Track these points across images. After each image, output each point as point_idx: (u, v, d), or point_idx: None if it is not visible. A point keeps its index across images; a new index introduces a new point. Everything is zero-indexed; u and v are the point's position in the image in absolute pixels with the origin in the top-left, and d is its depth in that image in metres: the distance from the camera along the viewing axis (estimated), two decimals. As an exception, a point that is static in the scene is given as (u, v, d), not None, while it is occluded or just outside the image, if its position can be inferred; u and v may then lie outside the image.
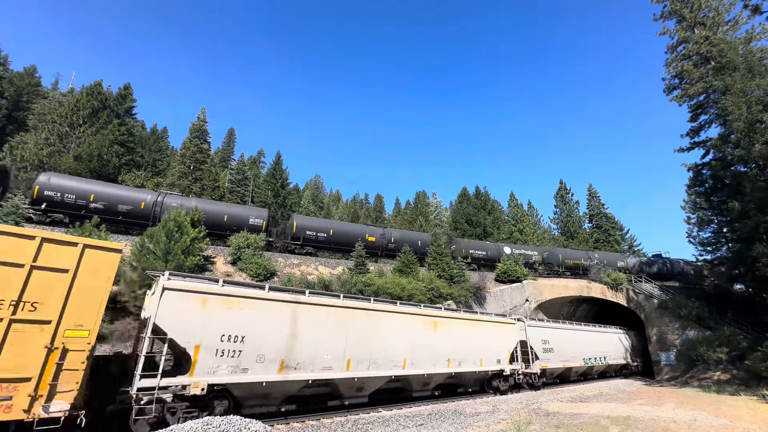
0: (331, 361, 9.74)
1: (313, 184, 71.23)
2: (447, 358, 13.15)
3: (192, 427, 5.59)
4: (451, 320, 13.96)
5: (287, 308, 9.48)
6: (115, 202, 17.10)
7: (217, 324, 8.23)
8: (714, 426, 8.90)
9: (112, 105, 30.87)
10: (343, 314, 10.56)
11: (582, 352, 20.58)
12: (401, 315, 12.25)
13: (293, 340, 9.23)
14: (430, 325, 13.03)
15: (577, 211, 49.87)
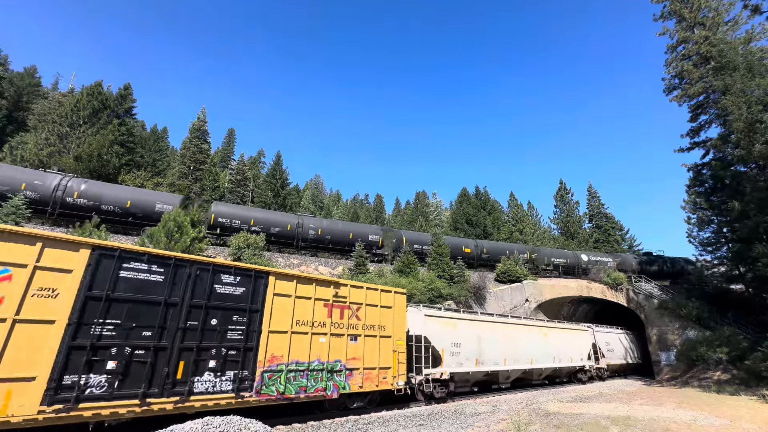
0: (496, 359, 15.23)
1: (313, 184, 71.30)
2: (552, 357, 18.33)
3: (192, 427, 5.59)
4: (553, 329, 19.55)
5: (475, 325, 15.18)
6: (269, 225, 20.67)
7: (449, 336, 13.63)
8: (714, 426, 8.90)
9: (112, 105, 30.90)
10: (501, 328, 16.29)
11: (625, 351, 25.36)
12: (527, 327, 17.86)
13: (480, 345, 14.69)
14: (542, 333, 18.41)
15: (577, 211, 49.90)
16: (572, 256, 30.66)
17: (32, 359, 5.60)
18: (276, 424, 7.82)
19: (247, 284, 8.26)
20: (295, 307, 8.96)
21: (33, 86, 37.07)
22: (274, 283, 8.74)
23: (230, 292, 7.95)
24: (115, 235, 16.26)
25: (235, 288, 8.05)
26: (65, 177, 16.76)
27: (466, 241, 28.60)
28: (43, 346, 5.72)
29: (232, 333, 7.71)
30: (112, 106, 30.87)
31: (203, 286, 7.58)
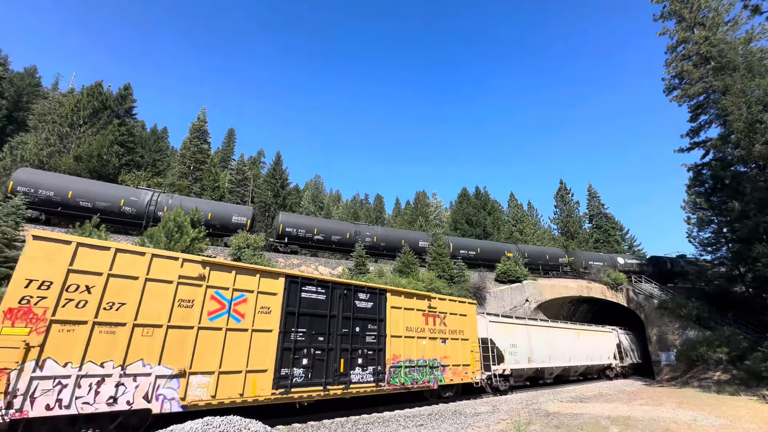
0: (543, 357, 17.83)
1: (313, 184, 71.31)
2: (585, 355, 20.97)
3: (192, 427, 5.59)
4: (585, 331, 22.12)
5: (526, 329, 17.57)
6: (330, 233, 22.66)
7: (509, 338, 16.17)
8: (714, 426, 8.90)
9: (112, 105, 30.90)
10: (545, 330, 18.92)
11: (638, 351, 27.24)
12: (565, 329, 20.48)
13: (530, 346, 17.24)
14: (576, 334, 21.04)
15: (577, 211, 49.91)
16: (608, 259, 32.07)
17: (263, 357, 8.13)
18: (276, 424, 7.83)
19: (374, 299, 10.84)
20: (404, 317, 11.47)
21: (33, 86, 37.06)
22: (390, 298, 11.24)
23: (365, 306, 10.51)
24: (115, 234, 16.27)
25: (367, 302, 10.59)
26: (155, 193, 18.76)
27: (510, 245, 30.67)
28: (268, 348, 8.26)
29: (369, 337, 10.32)
30: (112, 106, 30.87)
31: (349, 302, 10.14)
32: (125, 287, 6.79)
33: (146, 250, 7.32)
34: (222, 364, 7.49)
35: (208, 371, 7.30)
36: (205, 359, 7.32)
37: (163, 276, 7.28)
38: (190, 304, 7.48)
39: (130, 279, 6.88)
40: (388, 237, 24.95)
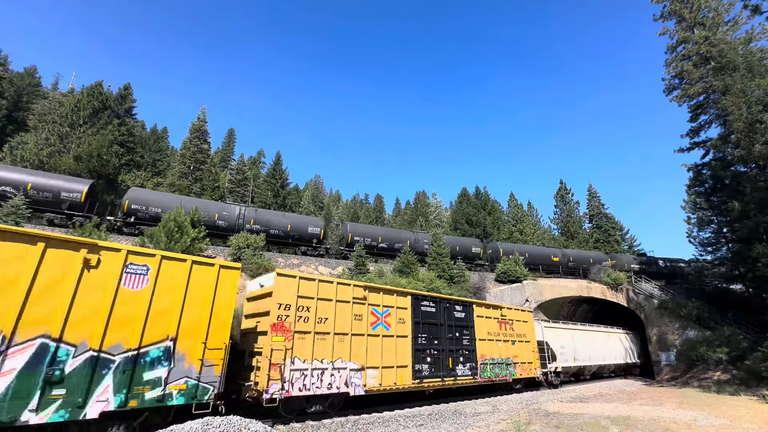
0: (584, 357, 20.65)
1: (313, 184, 71.25)
2: (615, 355, 23.69)
3: (192, 427, 5.59)
4: (615, 333, 24.74)
5: (570, 332, 20.65)
6: (393, 241, 24.92)
7: (558, 340, 19.12)
8: (714, 426, 8.90)
9: (113, 105, 30.88)
10: (584, 333, 21.91)
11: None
12: (598, 332, 23.25)
13: (574, 347, 20.13)
14: (607, 336, 23.78)
15: (577, 211, 49.86)
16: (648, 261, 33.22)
17: (404, 356, 11.12)
18: (276, 424, 7.83)
19: (466, 310, 13.88)
20: (485, 324, 14.46)
21: (33, 86, 37.05)
22: (475, 309, 14.29)
23: (460, 316, 13.53)
24: (115, 234, 16.28)
25: (461, 313, 13.61)
26: (242, 207, 20.87)
27: (554, 250, 32.17)
28: (406, 349, 11.24)
29: (465, 340, 13.33)
30: (112, 106, 30.85)
31: (450, 314, 13.21)
32: (326, 307, 9.70)
33: (333, 279, 10.33)
34: (382, 361, 10.47)
35: (375, 366, 10.27)
36: (373, 357, 10.29)
37: (344, 298, 10.18)
38: (360, 318, 10.41)
39: (328, 301, 9.78)
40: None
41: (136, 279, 6.65)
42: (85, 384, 5.76)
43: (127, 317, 6.40)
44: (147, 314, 6.57)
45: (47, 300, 5.75)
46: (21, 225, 12.84)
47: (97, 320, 6.09)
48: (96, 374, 5.89)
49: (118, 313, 6.30)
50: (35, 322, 5.58)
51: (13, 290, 5.50)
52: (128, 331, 6.34)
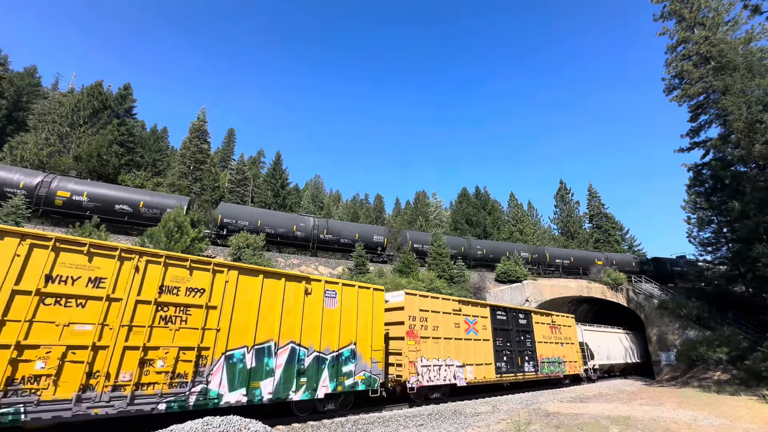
0: (615, 355, 23.68)
1: (313, 184, 71.27)
2: (623, 355, 25.12)
3: (192, 427, 5.59)
4: (621, 333, 25.90)
5: (603, 334, 23.46)
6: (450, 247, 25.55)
7: (594, 341, 22.16)
8: (714, 426, 8.90)
9: (113, 105, 30.89)
10: (612, 335, 24.49)
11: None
12: (620, 333, 25.49)
13: (607, 346, 23.19)
14: (617, 337, 25.25)
15: (577, 211, 49.88)
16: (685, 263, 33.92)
17: (488, 355, 13.90)
18: (276, 424, 7.83)
19: (527, 318, 16.67)
20: (541, 329, 17.16)
21: (33, 86, 37.05)
22: (533, 316, 17.10)
23: (523, 323, 16.36)
24: (115, 235, 16.28)
25: (523, 320, 16.41)
26: (316, 219, 22.73)
27: (597, 254, 33.43)
28: (489, 350, 14.05)
29: (527, 343, 16.07)
30: (112, 106, 30.86)
31: (516, 320, 16.04)
32: (436, 317, 12.57)
33: (438, 295, 13.66)
34: (475, 360, 13.34)
35: (471, 363, 13.13)
36: (469, 357, 13.18)
37: (447, 310, 13.12)
38: (458, 326, 13.30)
39: (437, 313, 12.65)
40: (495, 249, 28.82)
41: (331, 301, 9.55)
42: (315, 374, 8.67)
43: (329, 328, 9.26)
44: (339, 326, 9.49)
45: (290, 317, 8.60)
46: (21, 225, 12.84)
47: (316, 331, 8.97)
48: (319, 368, 8.78)
49: (325, 326, 9.16)
50: (286, 332, 8.40)
51: (275, 311, 8.35)
52: (331, 338, 9.24)
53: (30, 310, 5.61)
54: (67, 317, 5.88)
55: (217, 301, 7.52)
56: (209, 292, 7.47)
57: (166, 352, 6.62)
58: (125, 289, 6.48)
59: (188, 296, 7.19)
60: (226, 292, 7.70)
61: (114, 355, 6.11)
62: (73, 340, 5.84)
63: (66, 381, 5.66)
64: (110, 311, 6.25)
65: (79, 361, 5.81)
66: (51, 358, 5.60)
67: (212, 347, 7.20)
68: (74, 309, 5.96)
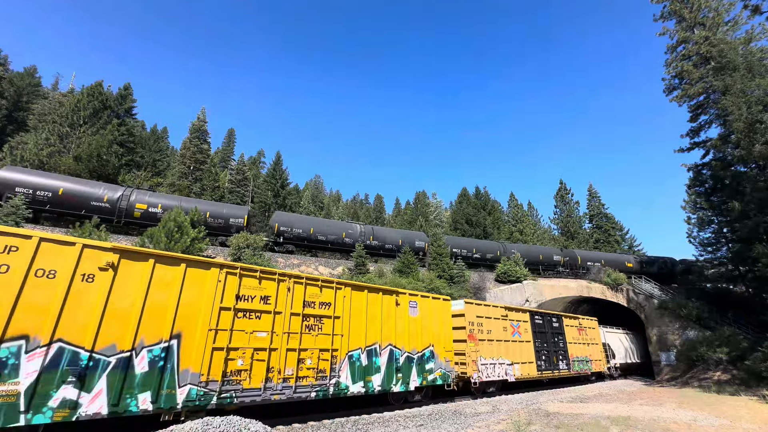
0: (631, 354, 25.53)
1: (313, 184, 71.24)
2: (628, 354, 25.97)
3: (192, 427, 5.59)
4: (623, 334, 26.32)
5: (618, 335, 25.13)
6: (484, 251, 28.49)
7: (614, 342, 24.21)
8: (714, 426, 8.89)
9: (113, 105, 30.87)
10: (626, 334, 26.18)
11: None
12: (616, 334, 25.31)
13: (624, 346, 25.15)
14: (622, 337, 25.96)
15: (577, 211, 49.85)
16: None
17: (530, 355, 15.93)
18: (276, 424, 7.82)
19: (558, 322, 18.70)
20: (570, 331, 19.22)
21: (33, 86, 37.04)
22: (564, 320, 19.07)
23: (556, 326, 18.47)
24: (115, 235, 16.27)
25: (556, 323, 18.49)
26: (361, 226, 24.11)
27: (626, 256, 34.30)
28: (531, 350, 16.11)
29: (560, 344, 18.12)
30: (113, 106, 30.84)
31: (551, 324, 18.13)
32: (489, 322, 14.66)
33: (488, 303, 15.86)
34: (521, 359, 15.31)
35: (517, 362, 15.05)
36: (515, 356, 15.12)
37: (495, 315, 15.11)
38: (506, 329, 15.30)
39: (489, 318, 14.72)
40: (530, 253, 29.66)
41: (413, 310, 11.64)
42: (407, 371, 10.73)
43: (414, 333, 11.33)
44: (421, 331, 11.52)
45: (388, 324, 10.63)
46: (21, 225, 12.83)
47: (405, 335, 11.04)
48: (410, 366, 10.87)
49: (410, 331, 11.24)
50: (385, 336, 10.45)
51: (377, 319, 10.42)
52: (416, 341, 11.30)
53: (230, 322, 7.48)
54: (251, 327, 7.80)
55: (339, 312, 9.52)
56: (333, 305, 9.45)
57: (311, 353, 8.64)
58: (283, 304, 8.45)
59: (321, 309, 9.18)
60: (344, 305, 9.72)
61: (281, 356, 8.07)
62: (256, 344, 7.76)
63: (255, 374, 7.60)
64: (276, 321, 8.18)
65: (261, 359, 7.76)
66: (245, 358, 7.52)
67: (339, 349, 9.23)
68: (255, 320, 7.88)
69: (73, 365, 5.64)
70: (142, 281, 6.65)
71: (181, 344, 6.81)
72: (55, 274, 5.83)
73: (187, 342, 6.90)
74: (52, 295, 5.73)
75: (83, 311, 5.93)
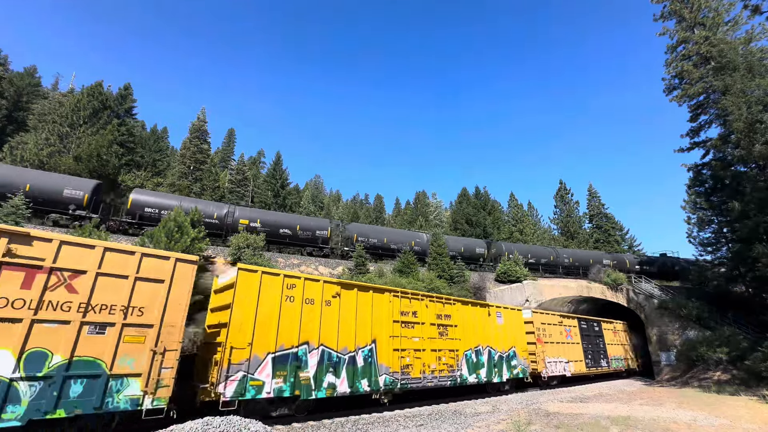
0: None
1: (313, 184, 71.24)
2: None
3: (192, 427, 5.59)
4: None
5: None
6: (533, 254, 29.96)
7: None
8: (714, 426, 8.90)
9: (113, 105, 30.86)
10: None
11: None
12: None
13: None
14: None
15: (577, 211, 49.84)
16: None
17: (579, 354, 19.62)
18: (276, 424, 7.82)
19: (599, 326, 22.02)
20: (607, 334, 22.41)
21: (33, 86, 37.04)
22: (602, 324, 22.21)
23: (595, 329, 21.68)
24: (115, 234, 16.27)
25: (596, 327, 21.68)
26: (430, 234, 26.05)
27: (672, 259, 34.54)
28: (579, 350, 19.73)
29: (600, 344, 21.51)
30: (113, 106, 30.83)
31: (593, 328, 21.58)
32: (550, 328, 18.00)
33: (548, 311, 19.17)
34: (573, 358, 18.62)
35: (571, 360, 18.46)
36: (569, 355, 18.45)
37: (554, 322, 18.50)
38: (562, 334, 18.61)
39: (550, 324, 18.07)
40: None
41: (500, 319, 15.19)
42: (500, 367, 14.32)
43: (501, 337, 14.86)
44: (505, 335, 15.09)
45: (487, 330, 14.37)
46: (20, 224, 12.83)
47: (497, 338, 14.60)
48: (501, 362, 14.43)
49: (499, 335, 14.80)
50: (484, 340, 13.99)
51: (479, 326, 14.07)
52: (503, 343, 14.87)
53: (399, 330, 11.09)
54: (410, 334, 11.38)
55: (457, 322, 13.12)
56: (453, 317, 13.10)
57: (444, 353, 12.14)
58: (425, 317, 12.04)
59: (445, 320, 12.73)
60: (459, 316, 13.32)
61: (427, 354, 11.58)
62: (414, 347, 11.28)
63: (415, 368, 11.04)
64: (423, 330, 11.84)
65: (418, 357, 11.24)
66: (410, 356, 11.04)
67: (459, 349, 12.79)
68: (411, 329, 11.44)
69: (329, 361, 9.07)
70: (354, 303, 10.14)
71: (377, 347, 10.25)
72: (313, 302, 9.22)
73: (379, 345, 10.33)
74: (314, 316, 9.12)
75: (329, 325, 9.34)
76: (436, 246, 23.36)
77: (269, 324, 8.17)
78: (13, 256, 5.73)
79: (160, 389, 6.38)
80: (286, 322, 8.47)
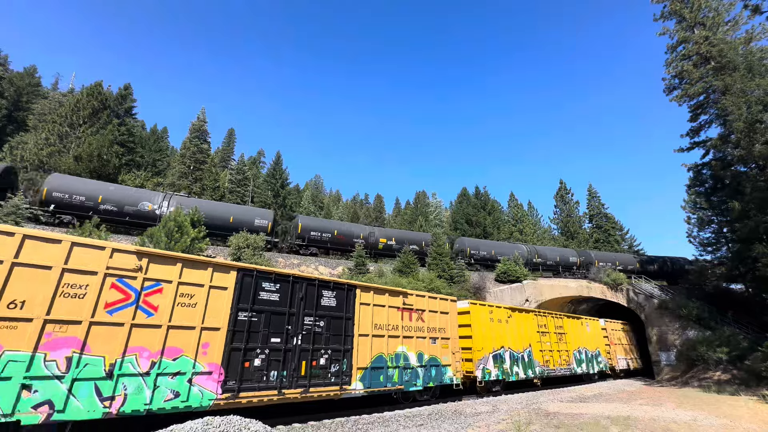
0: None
1: (313, 184, 71.21)
2: None
3: (192, 427, 5.58)
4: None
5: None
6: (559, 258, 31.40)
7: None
8: (714, 426, 8.89)
9: (113, 105, 30.86)
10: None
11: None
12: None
13: None
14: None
15: (577, 211, 49.83)
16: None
17: (630, 353, 24.82)
18: (276, 424, 7.82)
19: (633, 330, 26.19)
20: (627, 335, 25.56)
21: (33, 86, 37.05)
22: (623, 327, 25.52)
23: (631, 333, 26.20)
24: (115, 234, 16.27)
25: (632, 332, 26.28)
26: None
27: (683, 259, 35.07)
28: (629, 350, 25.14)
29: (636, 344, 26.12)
30: (112, 106, 30.83)
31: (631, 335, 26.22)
32: (614, 333, 23.60)
33: (611, 320, 24.39)
34: (627, 356, 24.00)
35: (627, 358, 23.94)
36: (625, 354, 23.88)
37: (617, 328, 24.23)
38: (621, 339, 23.89)
39: (613, 330, 23.60)
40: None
41: (587, 327, 20.60)
42: (593, 363, 20.01)
43: (590, 341, 20.34)
44: (593, 339, 20.70)
45: (581, 336, 19.90)
46: (20, 224, 12.81)
47: (587, 341, 20.19)
48: (590, 359, 19.78)
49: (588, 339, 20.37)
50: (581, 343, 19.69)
51: (576, 333, 19.57)
52: (592, 345, 20.40)
53: (539, 338, 16.58)
54: (546, 339, 16.98)
55: (566, 331, 18.39)
56: (563, 327, 18.40)
57: (562, 353, 17.30)
58: (551, 327, 17.53)
59: (559, 329, 17.99)
60: (565, 326, 18.50)
61: (554, 353, 16.88)
62: (547, 348, 16.75)
63: (550, 363, 16.49)
64: (551, 337, 17.25)
65: (550, 356, 16.66)
66: (547, 355, 16.64)
67: (569, 350, 17.93)
68: (546, 337, 17.09)
69: (513, 358, 14.69)
70: (517, 320, 15.70)
71: (532, 351, 15.63)
72: (501, 321, 14.97)
73: (533, 348, 15.83)
74: (503, 330, 14.81)
75: (511, 336, 15.09)
76: (436, 246, 23.37)
77: (488, 335, 13.91)
78: None
79: (457, 373, 12.00)
80: (492, 333, 14.14)
